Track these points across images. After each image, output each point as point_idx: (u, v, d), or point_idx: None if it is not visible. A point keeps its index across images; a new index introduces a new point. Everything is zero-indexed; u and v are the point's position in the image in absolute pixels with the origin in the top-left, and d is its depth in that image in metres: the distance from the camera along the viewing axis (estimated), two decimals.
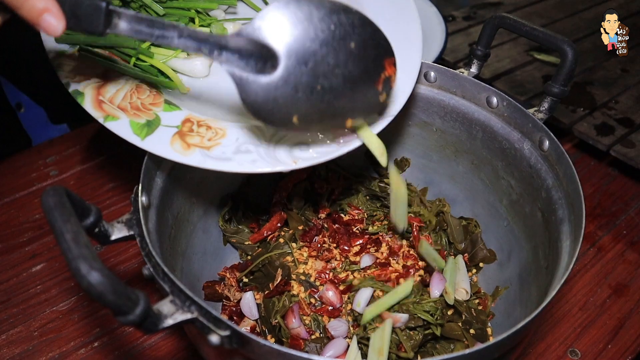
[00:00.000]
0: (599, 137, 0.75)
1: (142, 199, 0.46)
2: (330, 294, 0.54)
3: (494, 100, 0.56)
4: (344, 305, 0.54)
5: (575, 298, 0.65)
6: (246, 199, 0.65)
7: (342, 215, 0.64)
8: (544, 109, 0.54)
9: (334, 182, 0.67)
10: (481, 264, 0.62)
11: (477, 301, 0.58)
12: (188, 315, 0.36)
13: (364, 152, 0.69)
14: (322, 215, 0.63)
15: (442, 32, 0.83)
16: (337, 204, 0.66)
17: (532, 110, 0.54)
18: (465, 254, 0.62)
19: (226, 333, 0.35)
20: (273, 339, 0.56)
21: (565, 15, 1.04)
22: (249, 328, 0.57)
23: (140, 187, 0.46)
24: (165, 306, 0.37)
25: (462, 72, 0.59)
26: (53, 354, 0.60)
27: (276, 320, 0.54)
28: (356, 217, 0.63)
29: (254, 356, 0.37)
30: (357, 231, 0.62)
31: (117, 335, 0.62)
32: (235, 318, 0.58)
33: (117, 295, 0.31)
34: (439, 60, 0.80)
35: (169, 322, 0.36)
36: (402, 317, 0.50)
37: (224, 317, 0.36)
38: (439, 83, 0.60)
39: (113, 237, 0.42)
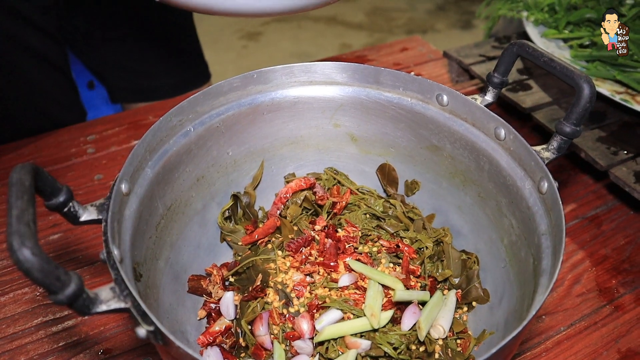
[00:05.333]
0: (637, 185, 0.68)
1: (122, 186, 0.47)
2: (305, 325, 0.52)
3: (502, 132, 0.53)
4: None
5: (576, 357, 0.59)
6: (249, 200, 0.66)
7: (338, 230, 0.63)
8: (552, 147, 0.50)
9: (337, 196, 0.66)
10: (474, 303, 0.59)
11: (458, 341, 0.55)
12: (122, 305, 0.37)
13: (376, 170, 0.68)
14: (317, 227, 0.62)
15: None
16: (337, 219, 0.65)
17: (539, 148, 0.51)
18: (459, 290, 0.59)
19: (151, 328, 0.36)
20: (244, 342, 0.56)
21: None
22: (223, 327, 0.57)
23: (121, 174, 0.47)
24: (104, 292, 0.38)
25: (475, 99, 0.56)
26: (60, 314, 0.64)
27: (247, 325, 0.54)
28: (351, 234, 0.61)
29: (177, 356, 0.37)
30: (351, 248, 0.61)
31: None
32: (213, 315, 0.59)
33: (44, 274, 0.32)
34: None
35: (103, 307, 0.37)
36: (364, 343, 0.48)
37: (152, 315, 0.36)
38: (451, 107, 0.58)
39: (82, 219, 0.44)
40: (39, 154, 0.89)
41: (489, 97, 0.57)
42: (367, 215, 0.64)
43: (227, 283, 0.62)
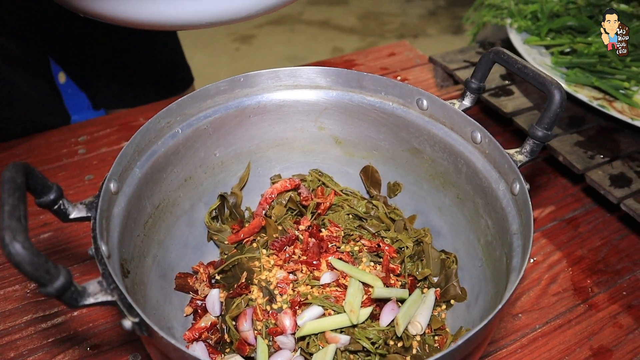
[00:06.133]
0: (612, 188, 0.71)
1: (110, 184, 0.49)
2: (287, 321, 0.53)
3: (478, 136, 0.55)
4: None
5: (550, 354, 0.62)
6: (236, 200, 0.67)
7: (322, 230, 0.65)
8: (525, 151, 0.52)
9: (322, 197, 0.68)
10: (452, 301, 0.61)
11: (436, 338, 0.57)
12: (109, 298, 0.39)
13: (359, 172, 0.70)
14: (302, 227, 0.64)
15: None
16: (321, 219, 0.67)
17: (513, 151, 0.53)
18: (438, 289, 0.61)
19: (136, 320, 0.38)
20: (229, 338, 0.57)
21: None
22: (209, 323, 0.59)
23: (110, 174, 0.49)
24: (92, 285, 0.39)
25: (454, 104, 0.58)
26: (50, 311, 0.65)
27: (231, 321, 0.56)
28: (333, 234, 0.63)
29: (161, 347, 0.38)
30: (333, 247, 0.63)
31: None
32: (199, 312, 0.61)
33: (34, 267, 0.34)
34: None
35: (91, 300, 0.38)
36: (343, 338, 0.50)
37: (137, 307, 0.38)
38: (430, 111, 0.60)
39: (72, 216, 0.45)
40: (30, 154, 0.91)
41: (467, 102, 0.59)
42: (350, 216, 0.66)
43: (213, 281, 0.63)
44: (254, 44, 3.04)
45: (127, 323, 0.38)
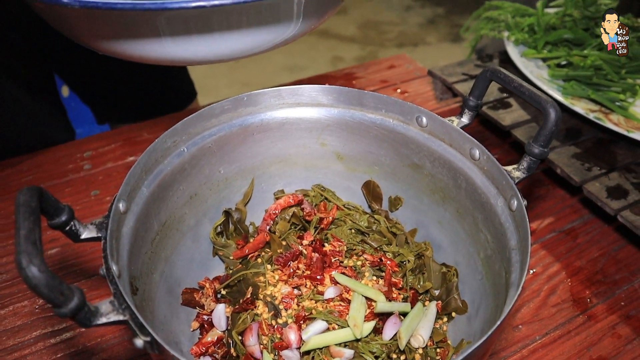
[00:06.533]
0: (609, 200, 0.72)
1: (119, 205, 0.50)
2: (292, 335, 0.55)
3: (477, 152, 0.57)
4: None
5: None
6: (240, 216, 0.69)
7: (325, 244, 0.66)
8: (522, 167, 0.54)
9: (324, 212, 0.69)
10: (453, 314, 0.62)
11: (438, 350, 0.58)
12: (120, 317, 0.40)
13: (361, 187, 0.71)
14: (305, 242, 0.65)
15: None
16: (324, 233, 0.68)
17: (510, 168, 0.54)
18: (439, 302, 0.62)
19: (148, 339, 0.39)
20: (235, 353, 0.59)
21: None
22: (215, 338, 0.60)
23: (119, 194, 0.50)
24: (104, 305, 0.41)
25: (452, 121, 0.60)
26: (59, 326, 0.66)
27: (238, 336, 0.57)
28: (336, 249, 0.65)
29: None
30: (336, 262, 0.64)
31: None
32: (205, 326, 0.62)
33: (50, 289, 0.35)
34: None
35: (103, 320, 0.40)
36: (347, 352, 0.52)
37: (149, 327, 0.39)
38: (430, 128, 0.61)
39: (83, 237, 0.47)
40: (37, 170, 0.92)
41: (465, 119, 0.60)
42: (352, 231, 0.68)
43: (219, 295, 0.65)
44: None
45: (139, 342, 0.39)
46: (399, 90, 1.08)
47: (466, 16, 3.56)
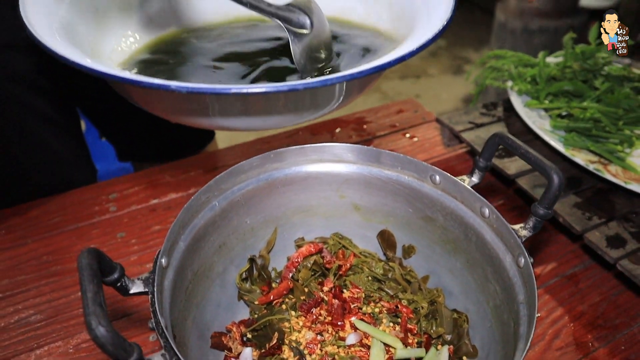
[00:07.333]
0: (608, 249, 0.77)
1: (162, 260, 0.55)
2: None
3: (487, 211, 0.62)
4: None
5: None
6: (263, 262, 0.74)
7: (344, 290, 0.71)
8: (528, 226, 0.59)
9: (343, 259, 0.74)
10: (464, 358, 0.66)
11: None
12: None
13: (376, 235, 0.76)
14: (326, 289, 0.70)
15: None
16: (342, 280, 0.73)
17: (518, 227, 0.59)
18: (451, 346, 0.67)
19: None
20: None
21: None
22: None
23: (162, 251, 0.55)
24: (156, 358, 0.45)
25: (464, 180, 0.65)
26: None
27: None
28: (355, 296, 0.69)
29: None
30: (355, 309, 0.69)
31: None
32: None
33: (115, 347, 0.40)
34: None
35: None
36: None
37: None
38: (443, 186, 0.66)
39: (131, 291, 0.52)
40: (64, 212, 0.97)
41: (475, 179, 0.66)
42: (369, 278, 0.73)
43: (245, 339, 0.69)
44: None
45: None
46: (407, 135, 1.14)
47: (467, 48, 3.66)
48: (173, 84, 0.44)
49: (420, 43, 0.51)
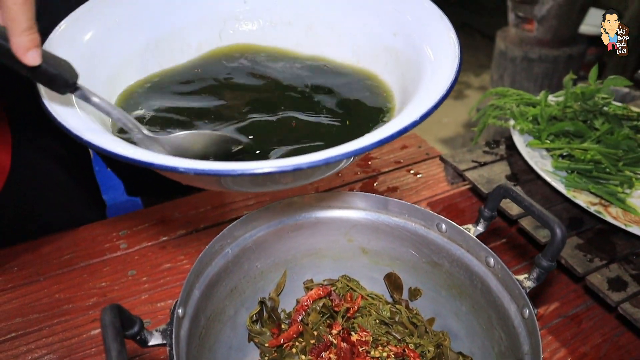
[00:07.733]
0: (610, 292, 0.79)
1: (179, 311, 0.57)
2: None
3: (492, 260, 0.64)
4: None
5: None
6: (273, 304, 0.75)
7: (352, 333, 0.72)
8: (532, 277, 0.61)
9: (350, 301, 0.76)
10: None
11: None
12: None
13: (383, 278, 0.78)
14: (334, 332, 0.72)
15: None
16: (350, 322, 0.74)
17: (522, 277, 0.61)
18: None
19: None
20: None
21: None
22: None
23: (178, 302, 0.57)
24: None
25: (469, 230, 0.67)
26: None
27: None
28: (363, 339, 0.71)
29: None
30: (364, 352, 0.70)
31: None
32: None
33: None
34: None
35: None
36: None
37: None
38: (449, 234, 0.69)
39: (150, 343, 0.53)
40: (75, 249, 0.99)
41: (481, 228, 0.68)
42: (377, 321, 0.74)
43: None
44: None
45: None
46: (412, 172, 1.16)
47: (468, 73, 3.71)
48: (181, 166, 0.45)
49: (422, 112, 0.51)
